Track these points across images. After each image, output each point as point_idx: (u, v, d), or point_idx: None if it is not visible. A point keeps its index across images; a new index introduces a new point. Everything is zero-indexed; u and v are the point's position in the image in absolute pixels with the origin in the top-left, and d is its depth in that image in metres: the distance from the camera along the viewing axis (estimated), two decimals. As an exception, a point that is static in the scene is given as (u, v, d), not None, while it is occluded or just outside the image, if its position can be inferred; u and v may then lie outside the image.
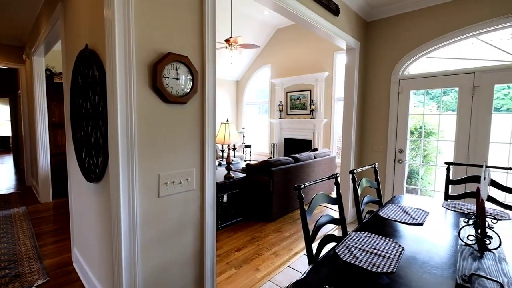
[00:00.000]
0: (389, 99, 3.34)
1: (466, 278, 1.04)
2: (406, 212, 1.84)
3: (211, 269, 1.74)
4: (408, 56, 3.19)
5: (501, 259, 1.18)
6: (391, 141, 3.31)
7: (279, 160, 3.62)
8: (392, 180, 3.32)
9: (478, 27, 2.73)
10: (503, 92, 3.94)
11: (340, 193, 1.77)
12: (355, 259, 1.25)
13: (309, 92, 6.54)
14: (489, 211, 1.87)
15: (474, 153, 2.78)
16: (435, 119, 3.71)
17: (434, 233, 1.55)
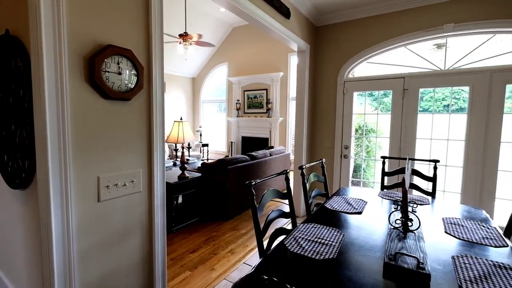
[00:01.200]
0: (336, 99, 3.60)
1: (391, 256, 1.18)
2: (348, 202, 2.01)
3: (162, 274, 1.67)
4: (352, 60, 3.47)
5: (420, 238, 1.37)
6: (338, 138, 3.58)
7: (235, 158, 3.64)
8: (339, 174, 3.59)
9: (406, 38, 3.10)
10: (430, 95, 4.56)
11: (290, 188, 1.85)
12: (301, 249, 1.33)
13: (265, 91, 6.69)
14: (414, 198, 2.15)
15: (405, 148, 3.17)
16: (375, 118, 4.12)
17: (371, 220, 1.73)
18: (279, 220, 3.31)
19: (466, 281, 1.07)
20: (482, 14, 2.74)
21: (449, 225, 1.62)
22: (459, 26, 2.84)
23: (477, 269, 1.15)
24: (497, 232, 1.53)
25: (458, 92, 3.98)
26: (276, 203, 4.05)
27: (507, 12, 2.63)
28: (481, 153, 2.80)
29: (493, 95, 2.73)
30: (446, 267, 1.19)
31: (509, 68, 2.68)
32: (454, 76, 2.93)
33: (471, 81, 2.83)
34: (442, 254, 1.30)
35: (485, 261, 1.22)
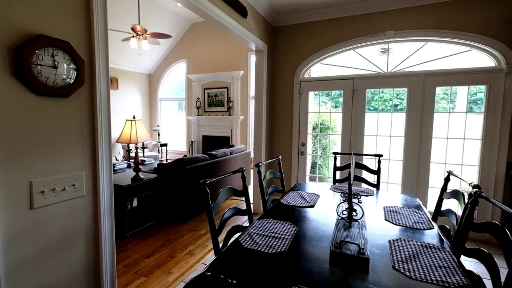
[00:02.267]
0: (293, 98, 3.73)
1: (337, 245, 1.27)
2: (302, 197, 2.11)
3: (111, 283, 1.57)
4: (307, 61, 3.63)
5: (363, 226, 1.50)
6: (295, 135, 3.72)
7: (194, 158, 3.56)
8: (297, 170, 3.74)
9: (355, 42, 3.35)
10: (380, 95, 4.98)
11: (246, 186, 1.88)
12: (255, 245, 1.35)
13: (226, 90, 6.64)
14: (360, 190, 2.34)
15: (354, 144, 3.42)
16: (331, 116, 4.37)
17: (322, 212, 1.83)
18: (240, 218, 3.33)
19: (398, 261, 1.20)
20: (417, 24, 3.07)
21: (389, 213, 1.80)
22: (399, 33, 3.15)
23: (408, 250, 1.30)
24: (427, 217, 1.75)
25: (403, 93, 4.43)
26: (237, 201, 4.07)
27: (437, 24, 2.99)
28: (417, 148, 3.16)
29: (426, 96, 3.10)
30: (383, 250, 1.32)
31: (438, 72, 3.05)
32: (395, 79, 3.25)
33: (409, 83, 3.17)
34: (381, 239, 1.44)
35: (415, 242, 1.38)
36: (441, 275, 1.11)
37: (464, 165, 3.05)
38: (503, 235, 1.10)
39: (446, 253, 1.28)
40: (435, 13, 3.00)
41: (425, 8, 3.04)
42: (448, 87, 3.13)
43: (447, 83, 3.04)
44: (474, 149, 2.99)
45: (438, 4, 2.98)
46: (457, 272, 1.13)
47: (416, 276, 1.10)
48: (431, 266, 1.17)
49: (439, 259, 1.23)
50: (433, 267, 1.16)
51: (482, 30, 2.83)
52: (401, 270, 1.14)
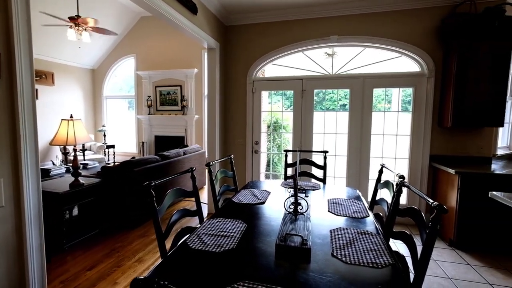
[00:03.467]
0: (246, 98, 3.77)
1: (282, 238, 1.33)
2: (254, 194, 2.15)
3: (41, 301, 1.40)
4: (259, 61, 3.70)
5: (307, 218, 1.59)
6: (249, 134, 3.77)
7: (143, 159, 3.36)
8: (251, 168, 3.80)
9: (303, 44, 3.52)
10: (330, 95, 5.32)
11: (196, 186, 1.84)
12: (203, 245, 1.34)
13: (179, 88, 6.41)
14: (308, 184, 2.48)
15: (304, 141, 3.61)
16: (285, 115, 4.52)
17: (271, 208, 1.89)
18: (195, 220, 3.25)
19: (337, 249, 1.31)
20: (357, 31, 3.36)
21: (332, 205, 1.94)
22: (342, 38, 3.41)
23: (346, 238, 1.42)
24: (364, 206, 1.93)
25: (348, 93, 4.80)
26: (192, 202, 3.97)
27: (374, 31, 3.31)
28: (358, 144, 3.46)
29: (365, 96, 3.41)
30: (325, 239, 1.42)
31: (375, 76, 3.39)
32: (339, 80, 3.51)
33: (351, 85, 3.45)
34: (323, 229, 1.55)
35: (353, 230, 1.51)
36: (372, 257, 1.24)
37: (397, 158, 3.45)
38: (419, 217, 1.28)
39: (377, 237, 1.43)
40: (373, 21, 3.31)
41: (364, 16, 3.34)
42: (384, 88, 3.50)
43: (382, 85, 3.39)
44: (405, 144, 3.39)
45: (375, 13, 3.30)
46: (385, 253, 1.27)
47: (351, 261, 1.21)
48: (364, 250, 1.30)
49: (371, 243, 1.37)
50: (366, 251, 1.29)
51: (410, 39, 3.22)
52: (338, 256, 1.24)
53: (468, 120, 2.85)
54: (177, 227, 2.68)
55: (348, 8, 3.33)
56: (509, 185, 2.57)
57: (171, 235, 1.57)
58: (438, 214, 1.11)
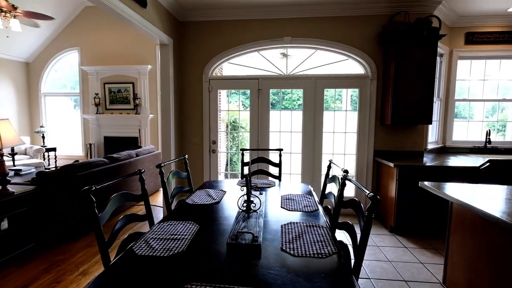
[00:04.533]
0: (202, 96, 3.69)
1: (234, 237, 1.33)
2: (209, 195, 2.12)
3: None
4: (215, 59, 3.65)
5: (260, 215, 1.62)
6: (206, 134, 3.70)
7: (88, 162, 3.08)
8: (208, 168, 3.74)
9: (258, 44, 3.57)
10: (289, 95, 5.46)
11: (145, 189, 1.75)
12: (151, 250, 1.28)
13: (132, 85, 6.02)
14: (263, 182, 2.53)
15: (262, 140, 3.67)
16: (243, 114, 4.53)
17: (226, 207, 1.89)
18: (146, 225, 3.08)
19: (286, 243, 1.36)
20: (309, 33, 3.52)
21: (285, 201, 2.00)
22: (295, 40, 3.54)
23: (295, 232, 1.48)
24: (314, 200, 2.03)
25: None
26: (140, 207, 3.76)
27: (324, 35, 3.50)
28: (312, 142, 3.64)
29: (317, 96, 3.59)
30: (276, 235, 1.46)
31: (325, 77, 3.59)
32: (293, 80, 3.64)
33: (304, 85, 3.61)
34: (275, 225, 1.59)
35: (302, 224, 1.58)
36: (318, 248, 1.31)
37: (346, 154, 3.70)
38: (358, 207, 1.39)
39: (324, 229, 1.52)
40: (323, 25, 3.50)
41: (316, 20, 3.51)
42: (334, 89, 3.73)
43: (332, 86, 3.61)
44: (353, 140, 3.66)
45: (325, 18, 3.49)
46: (330, 243, 1.35)
47: (298, 253, 1.26)
48: (311, 242, 1.37)
49: (318, 235, 1.45)
50: (313, 242, 1.36)
51: (355, 43, 3.47)
52: (287, 250, 1.29)
53: (404, 119, 3.19)
54: (127, 233, 2.51)
55: (300, 11, 3.46)
56: (437, 175, 2.94)
57: (117, 243, 1.47)
58: (373, 204, 1.22)
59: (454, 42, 3.82)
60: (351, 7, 3.38)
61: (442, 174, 2.95)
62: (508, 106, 3.97)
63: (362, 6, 3.36)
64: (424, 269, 2.32)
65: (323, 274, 1.11)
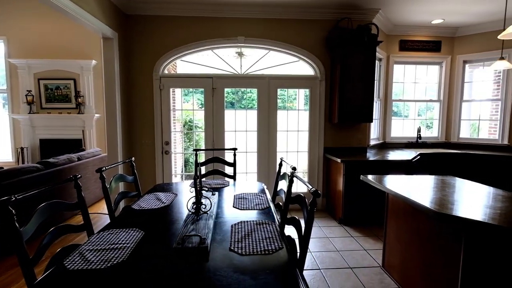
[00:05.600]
0: (153, 95, 3.51)
1: (180, 241, 1.29)
2: (158, 198, 2.02)
3: None
4: (166, 56, 3.49)
5: (210, 217, 1.60)
6: (158, 134, 3.53)
7: (16, 169, 2.70)
8: (161, 170, 3.57)
9: (212, 43, 3.52)
10: (249, 94, 5.44)
11: (82, 197, 1.59)
12: (85, 263, 1.16)
13: (73, 82, 5.44)
14: (217, 182, 2.50)
15: (217, 140, 3.63)
16: (200, 114, 4.39)
17: (176, 211, 1.82)
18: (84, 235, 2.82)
19: (235, 242, 1.36)
20: (262, 34, 3.57)
21: (237, 200, 2.01)
22: (248, 39, 3.56)
23: (244, 230, 1.49)
24: (266, 198, 2.07)
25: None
26: (91, 215, 3.44)
27: (276, 36, 3.58)
28: (266, 140, 3.72)
29: (270, 96, 3.68)
30: (225, 235, 1.45)
31: (278, 77, 3.69)
32: (248, 80, 3.66)
33: (258, 85, 3.66)
34: (226, 225, 1.58)
35: (252, 222, 1.60)
36: (265, 245, 1.33)
37: (299, 151, 3.86)
38: (303, 202, 1.45)
39: (273, 226, 1.56)
40: (275, 27, 3.59)
41: (268, 21, 3.57)
42: (287, 89, 3.85)
43: (284, 86, 3.73)
44: (305, 138, 3.83)
45: (277, 19, 3.58)
46: (277, 239, 1.39)
47: (246, 252, 1.27)
48: (260, 239, 1.39)
49: (267, 231, 1.48)
50: (261, 240, 1.39)
51: (306, 46, 3.63)
52: (235, 249, 1.29)
53: (349, 117, 3.44)
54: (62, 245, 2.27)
55: (252, 11, 3.50)
56: (379, 169, 3.24)
57: (48, 258, 1.31)
58: (314, 198, 1.29)
59: (390, 48, 4.24)
60: (300, 11, 3.52)
61: (382, 167, 3.25)
62: (435, 106, 4.56)
63: (310, 11, 3.52)
64: (367, 255, 2.54)
65: (268, 270, 1.13)
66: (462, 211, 1.50)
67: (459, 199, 1.71)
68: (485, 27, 3.98)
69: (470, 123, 4.49)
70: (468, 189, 1.94)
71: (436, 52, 4.32)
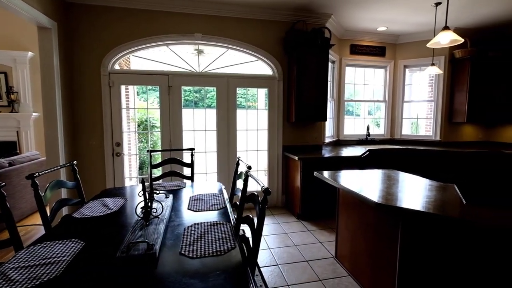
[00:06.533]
0: (101, 92, 3.23)
1: (125, 249, 1.20)
2: (105, 205, 1.86)
3: None
4: (116, 51, 3.24)
5: (161, 221, 1.52)
6: (107, 135, 3.26)
7: None
8: (112, 174, 3.31)
9: (168, 38, 3.36)
10: (212, 93, 5.27)
11: (7, 206, 1.39)
12: (9, 284, 1.02)
13: (3, 76, 4.77)
14: (173, 184, 2.41)
15: (175, 140, 3.49)
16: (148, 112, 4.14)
17: (124, 217, 1.69)
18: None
19: (186, 246, 1.31)
20: (221, 32, 3.52)
21: (193, 202, 1.95)
22: (206, 37, 3.48)
23: (198, 233, 1.45)
24: (223, 198, 2.05)
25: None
26: (25, 228, 3.05)
27: (234, 35, 3.56)
28: (226, 140, 3.68)
29: (230, 95, 3.65)
30: (177, 239, 1.39)
31: (237, 76, 3.68)
32: (206, 78, 3.58)
33: (217, 83, 3.60)
34: (178, 229, 1.52)
35: (206, 223, 1.56)
36: (218, 245, 1.31)
37: (259, 150, 3.91)
38: (256, 201, 1.46)
39: (227, 226, 1.54)
40: (234, 25, 3.56)
41: (227, 19, 3.53)
42: (246, 88, 3.86)
43: (244, 85, 3.73)
44: (264, 137, 3.88)
45: (236, 18, 3.55)
46: (230, 239, 1.38)
47: (197, 255, 1.23)
48: (213, 240, 1.36)
49: (221, 232, 1.46)
50: (214, 241, 1.36)
51: (264, 46, 3.67)
52: (186, 253, 1.24)
53: (305, 116, 3.58)
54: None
55: (209, 8, 3.42)
56: (332, 165, 3.42)
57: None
58: (265, 196, 1.31)
59: (342, 52, 4.51)
60: (258, 11, 3.55)
61: (335, 163, 3.44)
62: (382, 106, 4.97)
63: (268, 12, 3.57)
64: (322, 247, 2.67)
65: (218, 272, 1.11)
66: (398, 201, 1.65)
67: (397, 191, 1.88)
68: (420, 36, 4.46)
69: (411, 121, 5.00)
70: (406, 181, 2.15)
71: (381, 57, 4.71)
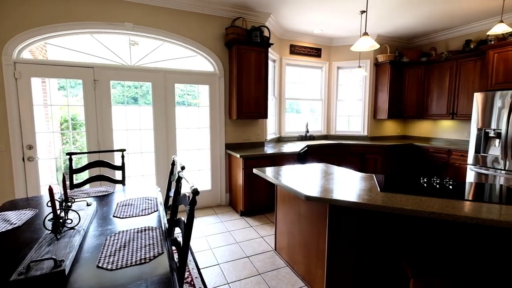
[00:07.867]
0: (4, 85, 2.71)
1: (24, 269, 1.02)
2: (6, 219, 1.56)
3: None
4: (23, 36, 2.75)
5: (77, 233, 1.34)
6: (14, 136, 2.76)
7: None
8: (23, 182, 2.82)
9: (91, 26, 2.99)
10: (150, 90, 4.86)
11: None
12: None
13: None
14: (98, 190, 2.17)
15: (103, 140, 3.15)
16: (69, 110, 3.60)
17: (31, 232, 1.45)
18: None
19: (105, 257, 1.18)
20: (155, 23, 3.28)
21: (120, 208, 1.78)
22: (138, 27, 3.21)
23: (121, 242, 1.32)
24: (156, 202, 1.92)
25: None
26: None
27: (170, 27, 3.36)
28: (165, 139, 3.48)
29: (167, 91, 3.45)
30: (95, 251, 1.24)
31: (175, 71, 3.50)
32: (139, 72, 3.31)
33: (152, 78, 3.37)
34: (99, 239, 1.36)
35: (132, 230, 1.44)
36: (144, 253, 1.21)
37: (200, 149, 3.80)
38: (187, 202, 1.40)
39: (156, 231, 1.44)
40: (171, 17, 3.36)
41: (162, 10, 3.31)
42: (186, 84, 3.70)
43: (183, 81, 3.57)
44: (206, 135, 3.80)
45: (173, 10, 3.36)
46: (159, 245, 1.29)
47: (117, 266, 1.12)
48: (138, 248, 1.26)
49: (149, 238, 1.36)
50: (140, 248, 1.26)
51: (204, 41, 3.56)
52: (103, 266, 1.12)
53: (247, 114, 3.61)
54: None
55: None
56: (274, 161, 3.53)
57: None
58: (194, 197, 1.26)
59: (282, 51, 4.68)
60: (197, 4, 3.43)
61: (277, 159, 3.57)
62: (319, 104, 5.34)
63: (207, 6, 3.48)
64: (263, 241, 2.74)
65: (140, 281, 1.03)
66: (326, 192, 1.79)
67: (326, 183, 2.04)
68: (350, 40, 4.92)
69: (345, 118, 5.49)
70: (335, 174, 2.34)
71: (318, 58, 5.05)
